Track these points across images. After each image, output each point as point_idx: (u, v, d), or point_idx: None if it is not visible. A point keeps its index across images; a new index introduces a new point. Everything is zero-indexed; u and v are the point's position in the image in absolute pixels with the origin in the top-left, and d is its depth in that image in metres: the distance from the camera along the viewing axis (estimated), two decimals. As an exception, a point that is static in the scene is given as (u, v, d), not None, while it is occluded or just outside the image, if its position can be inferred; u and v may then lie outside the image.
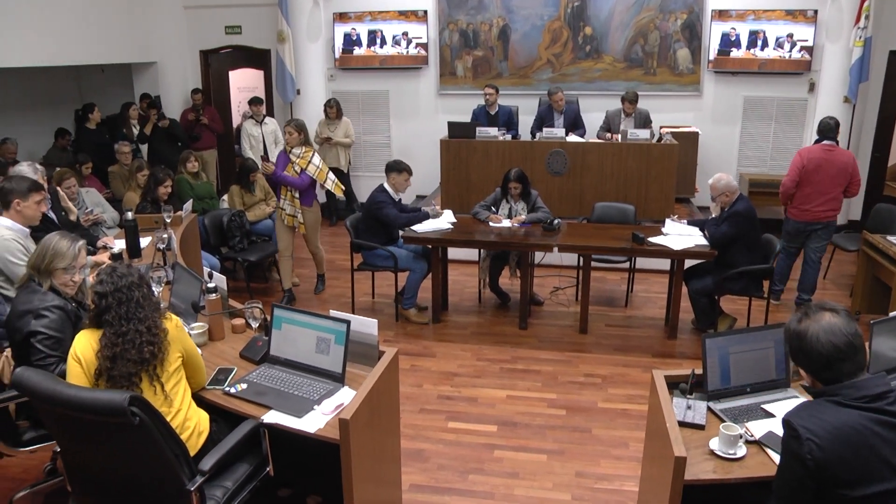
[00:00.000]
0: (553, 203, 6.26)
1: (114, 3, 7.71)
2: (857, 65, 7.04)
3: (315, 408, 2.57)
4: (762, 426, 2.40)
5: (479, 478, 3.50)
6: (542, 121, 7.63)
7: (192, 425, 2.46)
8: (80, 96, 9.23)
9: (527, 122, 7.93)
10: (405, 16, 8.27)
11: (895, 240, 5.03)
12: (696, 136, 7.59)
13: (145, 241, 4.56)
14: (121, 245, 4.47)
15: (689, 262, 5.08)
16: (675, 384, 2.65)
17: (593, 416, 4.10)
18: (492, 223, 5.45)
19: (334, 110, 7.99)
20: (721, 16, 7.59)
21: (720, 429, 2.31)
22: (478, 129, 7.25)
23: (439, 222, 5.49)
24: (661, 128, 7.57)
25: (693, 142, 7.54)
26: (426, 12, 8.21)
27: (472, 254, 6.24)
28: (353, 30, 8.42)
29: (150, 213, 5.31)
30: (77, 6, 7.14)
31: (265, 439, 2.57)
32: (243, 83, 9.92)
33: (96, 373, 2.33)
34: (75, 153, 7.15)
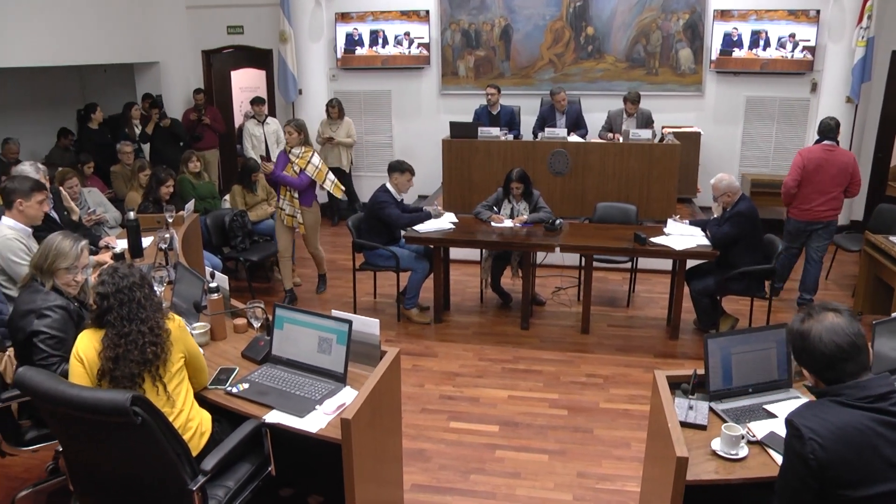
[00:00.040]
0: (555, 203, 6.26)
1: (116, 4, 7.72)
2: (860, 65, 7.03)
3: (317, 408, 2.57)
4: (764, 427, 2.40)
5: (480, 478, 3.50)
6: (544, 121, 7.63)
7: (194, 426, 2.46)
8: (83, 96, 9.26)
9: (529, 122, 7.93)
10: (407, 16, 8.27)
11: (897, 240, 5.02)
12: (698, 136, 7.58)
13: (147, 241, 4.57)
14: (123, 245, 4.48)
15: (690, 263, 5.08)
16: (676, 384, 2.65)
17: (595, 417, 4.09)
18: (494, 223, 5.45)
19: (336, 110, 8.00)
20: (723, 16, 7.59)
21: (722, 429, 2.31)
22: (480, 129, 7.25)
23: (441, 222, 5.49)
24: (663, 128, 7.57)
25: (695, 142, 7.53)
26: (428, 12, 8.22)
27: (473, 254, 6.24)
28: (355, 30, 8.42)
29: (152, 212, 5.32)
30: (79, 6, 7.15)
31: (267, 439, 2.57)
32: (245, 83, 9.93)
33: (99, 373, 2.33)
34: (77, 153, 7.16)
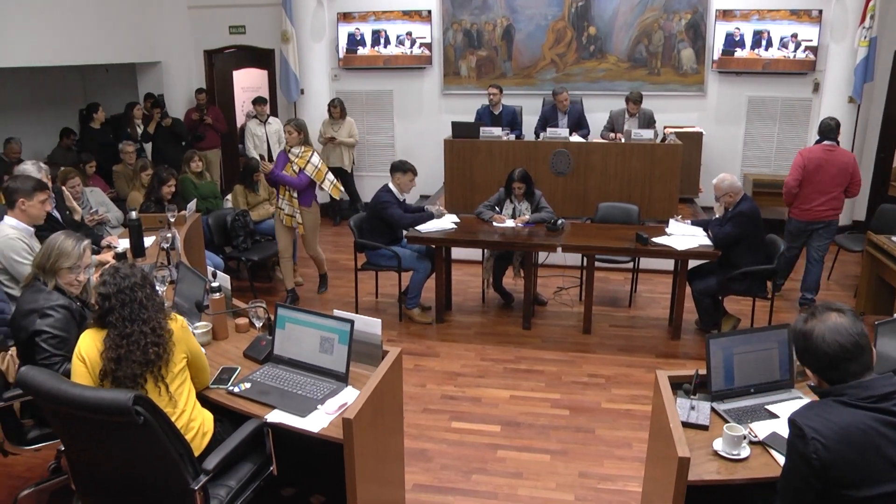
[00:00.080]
0: (557, 203, 6.26)
1: (118, 4, 7.74)
2: (862, 65, 7.02)
3: (318, 407, 2.57)
4: (766, 427, 2.40)
5: (482, 478, 3.50)
6: (546, 121, 7.63)
7: (196, 426, 2.46)
8: (85, 96, 9.27)
9: (530, 122, 7.93)
10: (409, 16, 8.28)
11: (900, 240, 5.02)
12: (699, 136, 7.57)
13: (149, 241, 4.57)
14: (125, 244, 4.48)
15: (692, 263, 5.07)
16: (678, 385, 2.65)
17: (597, 417, 4.09)
18: (495, 223, 5.45)
19: (338, 110, 8.00)
20: (725, 16, 7.58)
21: (724, 429, 2.30)
22: (481, 129, 7.25)
23: (443, 222, 5.48)
24: (665, 128, 7.57)
25: (697, 142, 7.53)
26: (430, 12, 8.22)
27: (475, 254, 6.23)
28: (357, 29, 8.43)
29: (153, 212, 5.33)
30: (81, 6, 7.16)
31: (269, 439, 2.57)
32: (247, 83, 9.95)
33: (101, 373, 2.33)
34: (79, 153, 7.17)
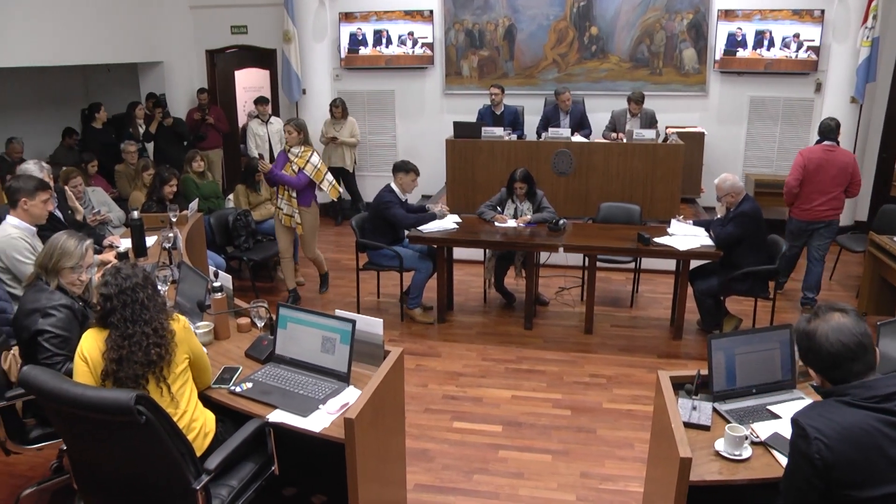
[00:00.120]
0: (558, 203, 6.26)
1: (120, 4, 7.75)
2: (865, 65, 7.00)
3: (320, 407, 2.57)
4: (768, 427, 2.40)
5: (483, 478, 3.50)
6: (548, 121, 7.63)
7: (198, 426, 2.46)
8: (87, 96, 9.28)
9: (532, 122, 7.93)
10: (411, 16, 8.28)
11: (902, 241, 5.02)
12: (701, 136, 7.57)
13: (151, 241, 4.57)
14: (127, 244, 4.48)
15: (694, 263, 5.07)
16: (680, 385, 2.65)
17: (598, 417, 4.09)
18: (497, 223, 5.45)
19: (340, 110, 8.00)
20: (727, 16, 7.57)
21: (725, 430, 2.30)
22: (483, 128, 7.25)
23: (445, 222, 5.48)
24: (667, 128, 7.57)
25: (699, 142, 7.53)
26: (432, 12, 8.22)
27: (477, 254, 6.23)
28: (359, 29, 8.43)
29: (155, 212, 5.34)
30: (83, 6, 7.17)
31: (270, 438, 2.57)
32: (249, 83, 9.95)
33: (103, 374, 2.33)
34: (81, 152, 7.18)
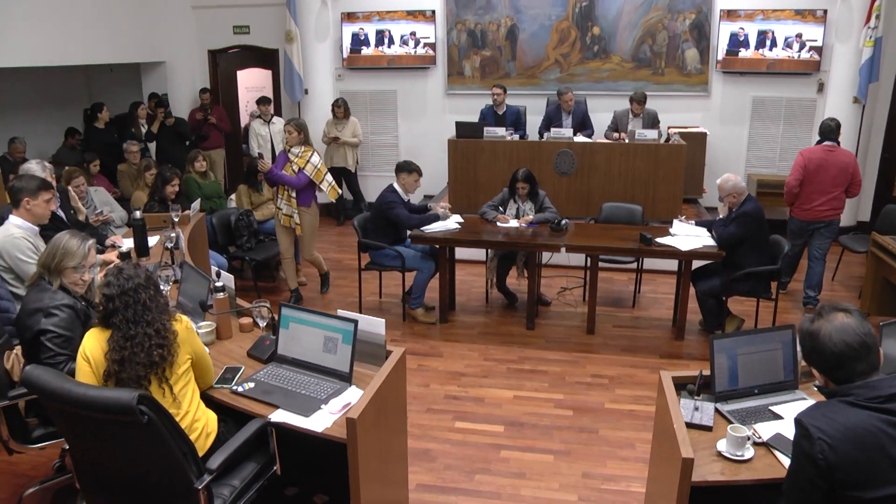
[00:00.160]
0: (560, 203, 6.26)
1: (122, 4, 7.76)
2: (867, 65, 6.99)
3: (322, 407, 2.57)
4: (770, 428, 2.39)
5: (485, 478, 3.50)
6: (550, 121, 7.63)
7: (200, 426, 2.46)
8: (89, 96, 9.28)
9: (534, 122, 7.92)
10: (413, 16, 8.28)
11: (905, 241, 5.01)
12: (704, 136, 7.56)
13: (153, 240, 4.57)
14: (129, 244, 4.49)
15: (696, 263, 5.07)
16: (682, 385, 2.65)
17: (600, 417, 4.09)
18: (499, 223, 5.44)
19: (342, 110, 8.00)
20: (730, 16, 7.56)
21: (728, 430, 2.30)
22: (485, 129, 7.25)
23: (447, 223, 5.48)
24: (669, 128, 7.56)
25: (701, 142, 7.52)
26: (434, 12, 8.21)
27: (479, 254, 6.23)
28: (361, 29, 8.43)
29: (157, 212, 5.34)
30: (86, 6, 7.18)
31: (272, 438, 2.57)
32: (251, 83, 9.96)
33: (105, 374, 2.33)
34: (82, 152, 7.18)
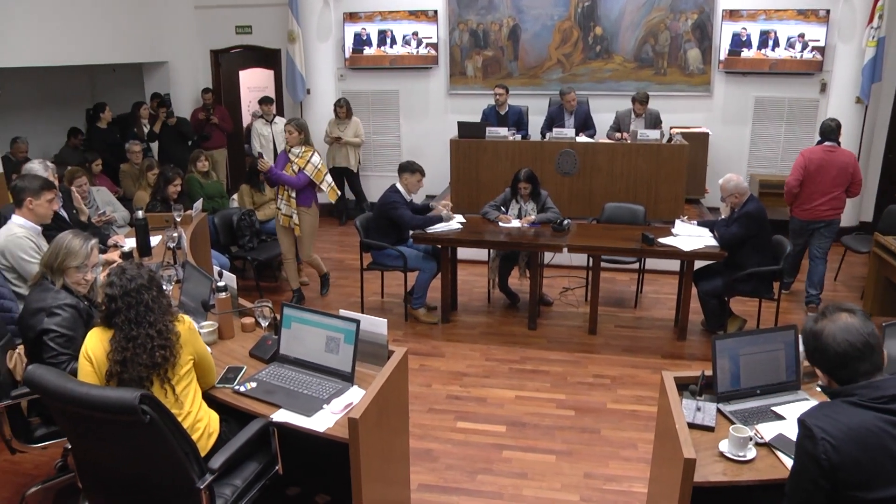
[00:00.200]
0: (563, 203, 6.26)
1: (125, 4, 7.76)
2: (870, 65, 6.98)
3: (324, 407, 2.57)
4: (772, 428, 2.39)
5: (487, 478, 3.50)
6: (553, 121, 7.62)
7: (202, 426, 2.46)
8: (92, 96, 9.29)
9: (537, 123, 7.91)
10: (415, 16, 8.28)
11: (907, 241, 5.00)
12: (706, 136, 7.56)
13: (156, 240, 4.58)
14: (131, 244, 4.49)
15: (698, 264, 5.06)
16: (684, 386, 2.64)
17: (602, 417, 4.09)
18: (501, 223, 5.44)
19: (344, 110, 8.01)
20: (732, 16, 7.55)
21: (730, 431, 2.30)
22: (488, 129, 7.25)
23: (450, 223, 5.47)
24: (672, 128, 7.55)
25: (703, 142, 7.51)
26: (436, 12, 8.21)
27: (481, 254, 6.23)
28: (364, 29, 8.43)
29: (160, 211, 5.35)
30: (88, 7, 7.18)
31: (274, 438, 2.58)
32: (253, 83, 9.96)
33: (107, 374, 2.33)
34: (84, 152, 7.19)
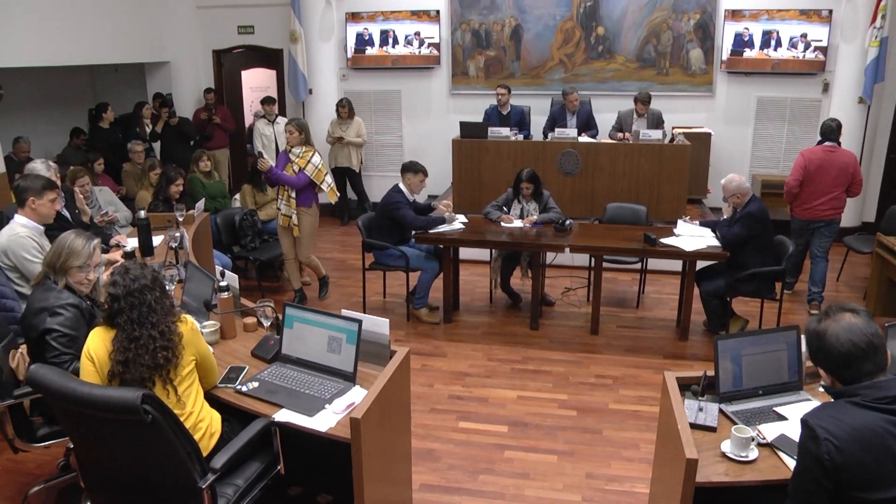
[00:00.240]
0: (565, 203, 6.25)
1: (127, 4, 7.77)
2: (873, 65, 6.97)
3: (326, 407, 2.57)
4: (774, 429, 2.39)
5: (489, 478, 3.50)
6: (555, 121, 7.62)
7: (204, 426, 2.47)
8: (94, 95, 9.32)
9: (539, 123, 7.91)
10: (417, 16, 8.28)
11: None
12: (708, 136, 7.55)
13: (158, 240, 4.58)
14: (133, 243, 4.50)
15: (701, 264, 5.06)
16: (686, 386, 2.64)
17: (604, 418, 4.09)
18: (503, 223, 5.44)
19: (346, 110, 8.01)
20: (734, 16, 7.54)
21: (732, 431, 2.30)
22: (490, 129, 7.25)
23: (452, 224, 5.47)
24: (674, 128, 7.55)
25: (705, 142, 7.51)
26: (438, 12, 8.22)
27: (483, 254, 6.23)
28: (366, 29, 8.44)
29: (162, 211, 5.35)
30: (91, 6, 7.19)
31: (276, 438, 2.57)
32: (256, 83, 9.96)
33: (109, 374, 2.33)
34: (87, 152, 7.20)
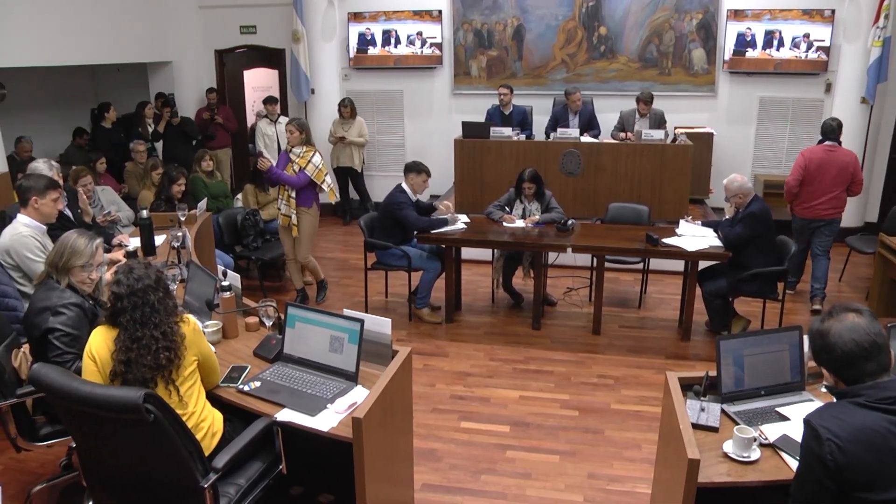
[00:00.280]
0: (567, 203, 6.25)
1: (129, 4, 7.78)
2: (876, 65, 6.96)
3: (328, 406, 2.57)
4: (776, 429, 2.38)
5: (491, 478, 3.50)
6: (557, 121, 7.62)
7: (206, 426, 2.47)
8: (96, 95, 9.33)
9: (541, 122, 7.92)
10: (420, 15, 8.28)
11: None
12: (710, 136, 7.54)
13: (160, 239, 4.59)
14: (136, 243, 4.51)
15: (703, 264, 5.06)
16: (688, 386, 2.64)
17: (606, 418, 4.08)
18: (505, 223, 5.44)
19: (348, 110, 8.02)
20: (737, 15, 7.54)
21: (734, 431, 2.29)
22: (492, 129, 7.25)
23: (454, 224, 5.47)
24: (676, 128, 7.54)
25: (708, 142, 7.50)
26: (441, 12, 8.22)
27: (485, 254, 6.23)
28: (368, 29, 8.44)
29: (164, 211, 5.36)
30: (93, 6, 7.20)
31: (278, 437, 2.58)
32: (258, 83, 9.98)
33: (111, 374, 2.33)
34: (89, 151, 7.21)
